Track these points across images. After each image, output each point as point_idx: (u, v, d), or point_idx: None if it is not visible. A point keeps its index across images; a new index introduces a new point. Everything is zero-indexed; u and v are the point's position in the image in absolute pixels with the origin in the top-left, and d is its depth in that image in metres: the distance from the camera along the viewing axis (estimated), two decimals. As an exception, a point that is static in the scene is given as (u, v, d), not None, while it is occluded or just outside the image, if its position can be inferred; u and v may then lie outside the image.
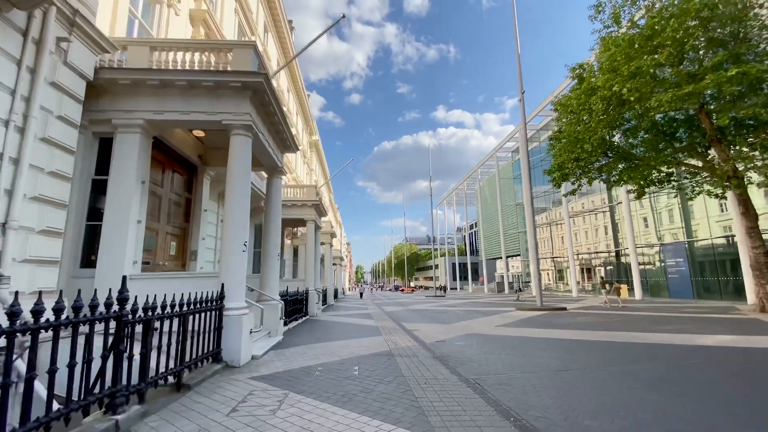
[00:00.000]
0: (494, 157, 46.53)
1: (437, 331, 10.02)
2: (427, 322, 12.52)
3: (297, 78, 25.98)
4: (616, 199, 29.87)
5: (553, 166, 17.45)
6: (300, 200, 16.00)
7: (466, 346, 7.58)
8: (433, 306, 21.23)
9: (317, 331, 10.12)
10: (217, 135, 8.21)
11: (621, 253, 30.29)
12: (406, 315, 15.69)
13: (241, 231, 6.26)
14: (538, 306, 16.56)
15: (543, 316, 13.68)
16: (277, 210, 9.11)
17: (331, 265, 28.22)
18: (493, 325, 11.19)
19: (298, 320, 12.69)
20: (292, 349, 7.15)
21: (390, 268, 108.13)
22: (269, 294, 8.45)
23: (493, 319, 12.95)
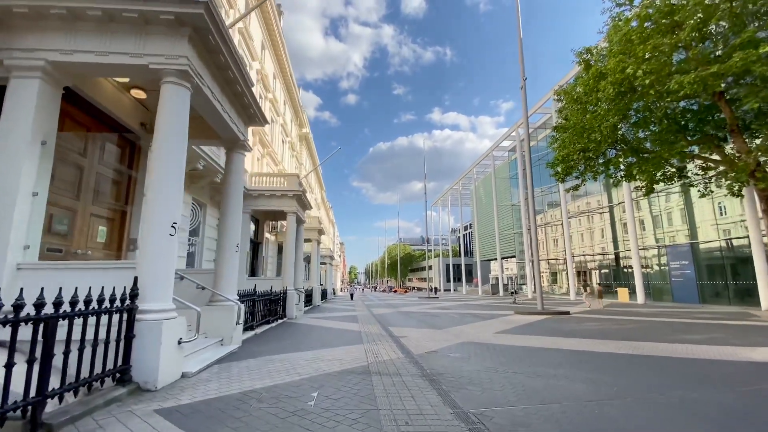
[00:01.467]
0: (490, 156, 45.33)
1: (428, 339, 8.58)
2: (418, 327, 11.08)
3: (285, 65, 24.48)
4: (617, 199, 28.72)
5: (556, 159, 16.12)
6: (280, 190, 14.48)
7: (462, 360, 6.14)
8: (426, 308, 19.80)
9: (288, 338, 8.63)
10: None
11: (621, 255, 29.14)
12: (396, 318, 14.24)
13: (170, 209, 4.76)
14: (538, 310, 15.20)
15: (546, 321, 12.30)
16: (237, 193, 7.62)
17: (318, 264, 26.67)
18: (492, 332, 9.78)
19: (270, 323, 11.18)
20: (243, 363, 5.66)
21: (383, 269, 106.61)
22: (224, 294, 6.94)
23: (492, 324, 11.54)
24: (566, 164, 15.74)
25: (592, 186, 32.60)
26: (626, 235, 27.74)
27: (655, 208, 25.89)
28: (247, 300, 8.95)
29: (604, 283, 31.34)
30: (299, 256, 17.20)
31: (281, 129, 25.38)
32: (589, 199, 33.00)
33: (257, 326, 9.88)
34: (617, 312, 16.15)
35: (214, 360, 5.60)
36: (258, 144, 18.90)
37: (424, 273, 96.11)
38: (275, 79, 23.71)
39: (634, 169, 14.75)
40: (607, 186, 30.95)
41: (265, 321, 11.00)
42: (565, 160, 15.71)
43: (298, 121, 32.43)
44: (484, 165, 50.70)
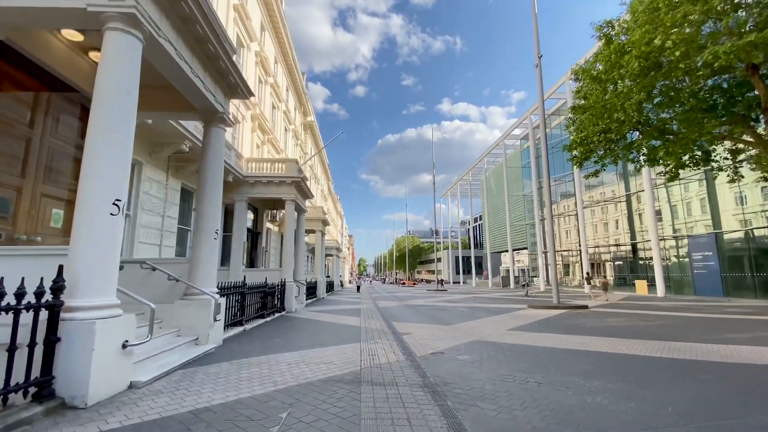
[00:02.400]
0: (501, 145, 43.87)
1: (434, 337, 7.68)
2: (424, 322, 10.19)
3: (287, 49, 23.49)
4: (635, 187, 27.30)
5: (573, 141, 14.92)
6: (277, 176, 13.62)
7: (472, 364, 5.22)
8: (433, 301, 18.90)
9: (279, 335, 7.81)
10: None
11: (638, 246, 27.80)
12: (401, 312, 13.37)
13: (112, 182, 3.88)
14: (554, 303, 14.17)
15: (564, 317, 11.30)
16: (215, 172, 6.73)
17: (323, 255, 25.91)
18: (505, 328, 8.83)
19: (265, 318, 10.40)
20: (213, 368, 4.82)
21: (392, 261, 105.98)
22: (199, 286, 6.10)
23: (504, 320, 10.59)
24: (585, 147, 14.55)
25: (606, 175, 31.16)
26: (644, 226, 26.38)
27: (674, 197, 24.47)
28: (233, 293, 8.14)
29: (620, 275, 30.08)
30: (300, 247, 16.40)
31: (284, 116, 24.50)
32: (604, 189, 31.59)
33: (248, 321, 9.10)
34: (638, 306, 15.03)
35: (179, 364, 4.77)
36: (257, 130, 18.05)
37: (433, 265, 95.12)
38: (276, 64, 22.77)
39: (660, 151, 13.51)
40: (624, 174, 29.52)
41: (259, 315, 10.21)
42: (584, 142, 14.52)
43: (302, 109, 31.50)
44: (495, 154, 49.27)
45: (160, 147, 9.35)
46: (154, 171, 9.56)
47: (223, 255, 13.66)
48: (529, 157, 42.35)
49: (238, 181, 13.39)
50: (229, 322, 8.14)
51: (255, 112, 17.56)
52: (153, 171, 9.51)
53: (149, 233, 9.42)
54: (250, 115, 17.25)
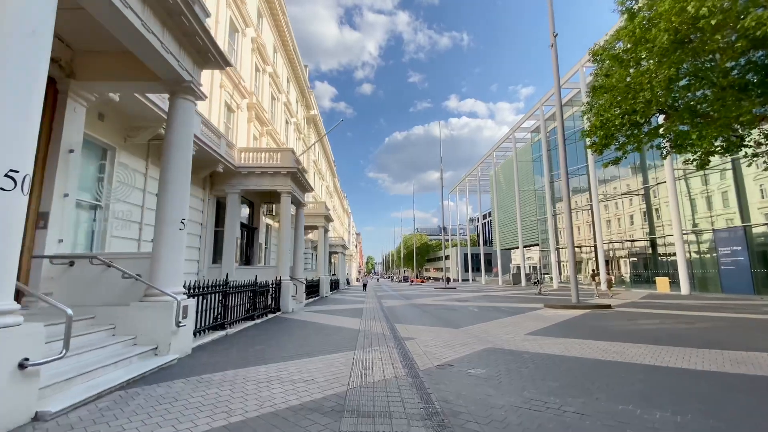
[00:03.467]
0: (511, 138, 42.44)
1: (442, 343, 6.63)
2: (430, 324, 9.15)
3: (287, 39, 22.53)
4: (655, 179, 25.82)
5: (593, 126, 13.67)
6: (272, 167, 12.65)
7: (489, 382, 4.18)
8: (442, 300, 17.82)
9: (263, 342, 6.84)
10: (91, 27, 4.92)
11: (657, 242, 26.36)
12: (406, 313, 12.34)
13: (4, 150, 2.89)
14: (574, 302, 13.00)
15: (587, 318, 10.16)
16: (182, 152, 5.76)
17: (326, 252, 24.98)
18: (523, 332, 7.75)
19: (255, 320, 9.45)
20: (162, 388, 3.85)
21: (399, 259, 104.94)
22: (161, 286, 5.14)
23: (521, 322, 9.49)
24: (606, 132, 13.30)
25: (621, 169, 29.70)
26: (664, 220, 24.92)
27: (695, 190, 22.98)
28: (212, 293, 7.19)
29: (637, 272, 28.66)
30: (299, 243, 15.46)
31: (284, 108, 23.58)
32: (619, 183, 30.10)
33: (233, 324, 8.15)
34: (664, 305, 13.77)
35: (119, 383, 3.81)
36: (255, 121, 17.14)
37: (441, 263, 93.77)
38: (276, 53, 21.83)
39: (692, 135, 12.22)
40: (641, 167, 28.06)
41: (248, 317, 9.27)
42: (605, 126, 13.27)
43: (304, 102, 30.57)
44: (504, 148, 47.87)
45: (136, 131, 8.43)
46: (131, 158, 8.65)
47: (216, 252, 12.78)
48: (540, 150, 40.94)
49: (229, 172, 12.47)
50: (209, 325, 7.21)
51: (251, 101, 16.64)
52: (129, 157, 8.61)
53: (126, 226, 8.52)
54: (246, 104, 16.33)
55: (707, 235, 22.25)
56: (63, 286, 5.22)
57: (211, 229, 12.58)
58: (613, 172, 31.19)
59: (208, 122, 10.65)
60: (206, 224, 12.26)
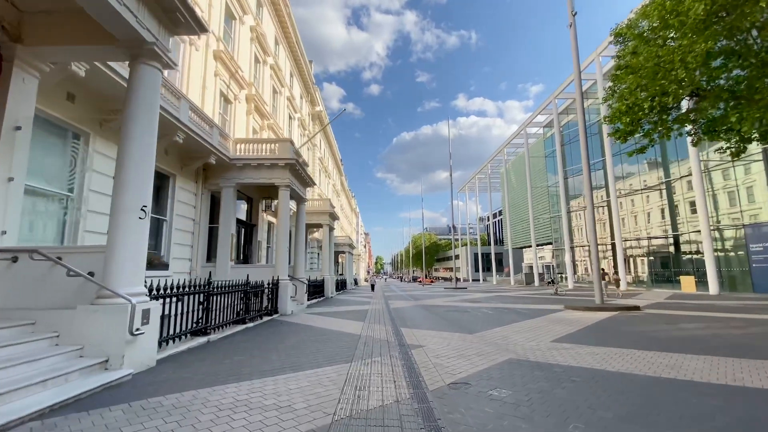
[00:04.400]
0: (522, 134, 41.10)
1: (455, 352, 5.66)
2: (441, 329, 8.16)
3: (289, 31, 21.72)
4: (680, 172, 24.38)
5: (617, 111, 12.53)
6: (268, 158, 11.79)
7: (518, 409, 3.20)
8: (452, 301, 16.79)
9: (245, 351, 5.94)
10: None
11: (681, 239, 24.93)
12: (414, 315, 11.37)
13: None
14: (597, 304, 11.88)
15: (617, 321, 9.06)
16: (145, 127, 4.90)
17: (332, 252, 24.11)
18: (548, 338, 6.73)
19: (246, 323, 8.57)
20: (93, 417, 2.96)
21: (408, 259, 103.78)
22: (114, 285, 4.27)
23: (542, 326, 8.44)
24: (632, 117, 12.15)
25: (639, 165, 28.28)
26: (688, 216, 23.50)
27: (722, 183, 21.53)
28: (190, 294, 6.33)
29: (658, 271, 27.20)
30: (300, 241, 14.60)
31: (287, 103, 22.78)
32: (638, 178, 28.63)
33: (219, 329, 7.28)
34: (696, 306, 12.54)
35: (39, 409, 2.93)
36: (254, 113, 16.33)
37: (450, 263, 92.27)
38: (278, 45, 21.05)
39: (732, 117, 11.01)
40: (662, 160, 26.62)
41: (239, 320, 8.40)
42: (631, 111, 12.12)
43: (309, 98, 29.79)
44: (515, 145, 46.56)
45: (114, 115, 7.63)
46: (109, 145, 7.84)
47: (210, 250, 11.98)
48: (552, 145, 39.57)
49: (224, 165, 11.65)
50: (189, 330, 6.36)
51: (250, 93, 15.84)
52: (107, 145, 7.80)
53: (104, 221, 7.73)
54: (244, 96, 15.53)
55: (736, 231, 20.83)
56: (2, 286, 4.39)
57: (204, 226, 11.77)
58: (629, 168, 29.78)
59: (197, 109, 9.83)
60: (199, 220, 11.46)
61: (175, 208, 10.35)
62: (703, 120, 12.13)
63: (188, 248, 11.03)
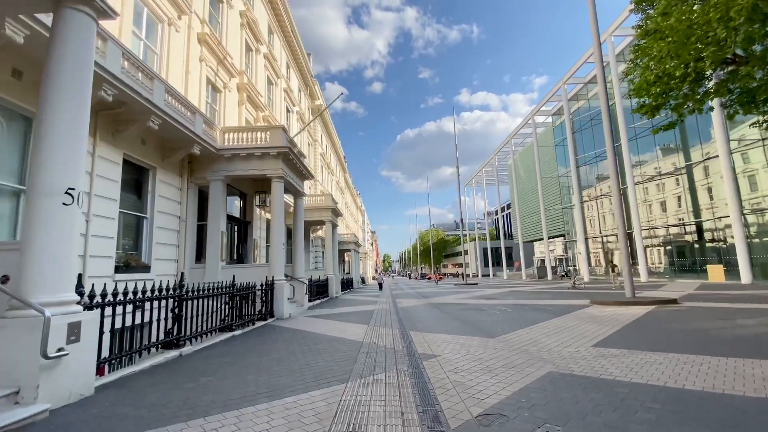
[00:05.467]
0: (531, 123, 39.63)
1: (478, 364, 4.55)
2: (457, 332, 7.05)
3: (285, 20, 20.65)
4: (703, 155, 22.90)
5: (643, 82, 11.24)
6: (259, 147, 10.73)
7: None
8: (465, 298, 15.65)
9: (219, 368, 4.89)
10: None
11: (704, 226, 23.49)
12: (424, 315, 10.27)
13: None
14: (628, 297, 10.66)
15: (660, 318, 7.86)
16: (74, 89, 3.82)
17: (335, 250, 23.08)
18: (587, 342, 5.58)
19: (234, 331, 7.53)
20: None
21: (416, 256, 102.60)
22: (28, 293, 3.22)
23: (574, 325, 7.28)
24: (662, 87, 10.87)
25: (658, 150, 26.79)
26: (708, 201, 22.03)
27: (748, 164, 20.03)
28: (156, 299, 5.29)
29: (680, 261, 25.75)
30: (298, 238, 13.55)
31: (285, 95, 21.74)
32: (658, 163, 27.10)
33: (197, 339, 6.25)
34: (736, 297, 11.23)
35: None
36: (247, 103, 15.31)
37: (459, 258, 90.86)
38: (272, 35, 19.99)
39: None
40: (683, 143, 25.12)
41: (224, 327, 7.37)
42: (660, 81, 10.84)
43: (308, 91, 28.75)
44: (522, 135, 45.12)
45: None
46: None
47: (199, 249, 10.98)
48: (562, 133, 38.13)
49: (210, 156, 10.63)
50: (158, 343, 5.34)
51: (242, 82, 14.81)
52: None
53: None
54: (235, 85, 14.50)
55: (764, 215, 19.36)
56: None
57: (192, 224, 10.77)
58: (644, 155, 28.26)
59: (176, 93, 8.78)
60: (186, 217, 10.45)
61: (157, 204, 9.34)
62: (740, 90, 10.85)
63: (173, 248, 10.03)
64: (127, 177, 8.56)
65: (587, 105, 34.90)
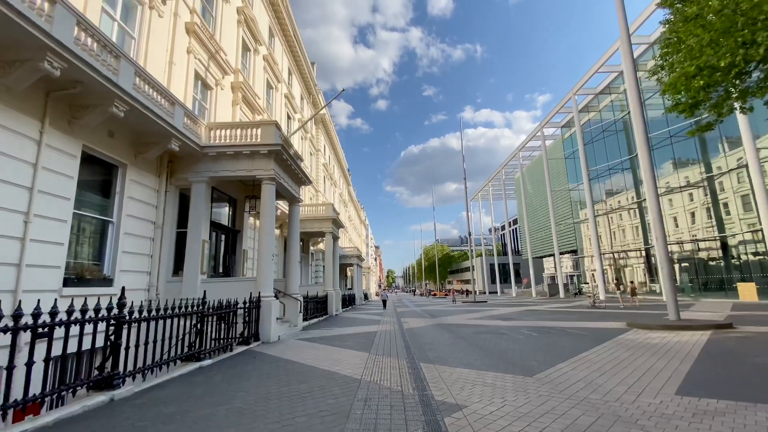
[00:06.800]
0: (540, 135, 38.45)
1: (524, 424, 3.10)
2: (480, 366, 5.57)
3: (286, 23, 19.82)
4: (727, 165, 21.48)
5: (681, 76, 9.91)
6: (248, 145, 9.49)
7: None
8: (477, 319, 14.09)
9: (152, 427, 3.47)
10: None
11: (729, 242, 21.94)
12: (436, 340, 8.77)
13: None
14: (674, 321, 9.12)
15: (727, 347, 6.33)
16: None
17: (336, 264, 21.63)
18: (665, 386, 4.10)
19: (201, 361, 6.09)
20: None
21: (421, 272, 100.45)
22: None
23: (627, 358, 5.78)
24: (705, 80, 9.54)
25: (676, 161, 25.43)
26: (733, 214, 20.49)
27: None
28: (81, 322, 3.92)
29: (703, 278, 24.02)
30: (293, 250, 12.18)
31: (285, 100, 20.74)
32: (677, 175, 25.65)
33: (147, 375, 4.84)
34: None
35: None
36: (242, 104, 14.20)
37: (464, 274, 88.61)
38: (273, 37, 19.11)
39: None
40: (702, 154, 23.74)
41: (190, 356, 5.95)
42: (702, 73, 9.53)
43: (311, 99, 27.85)
44: (530, 148, 44.00)
45: (7, 68, 5.42)
46: (11, 115, 5.62)
47: (179, 260, 9.63)
48: (572, 146, 36.96)
49: (193, 155, 9.39)
50: (86, 382, 3.95)
51: (237, 80, 13.73)
52: (7, 114, 5.58)
53: None
54: (229, 83, 13.42)
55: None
56: None
57: (171, 231, 9.46)
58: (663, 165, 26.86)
59: (149, 78, 7.58)
60: (162, 224, 9.14)
61: (126, 207, 8.05)
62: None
63: (146, 258, 8.69)
64: (88, 173, 7.32)
65: (599, 117, 33.76)
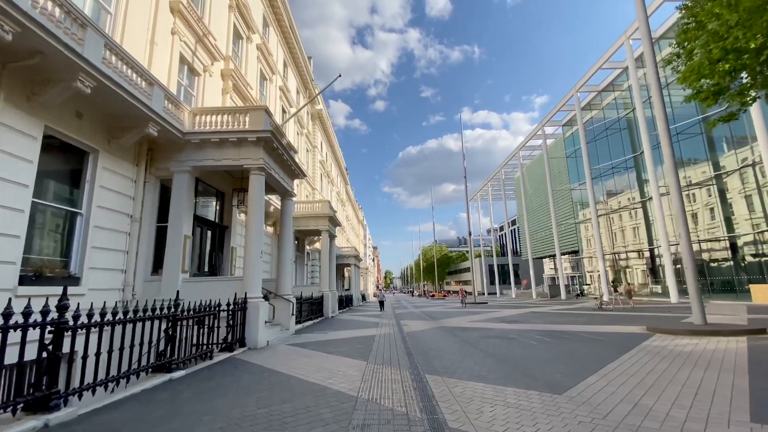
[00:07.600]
0: (540, 134, 37.77)
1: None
2: (496, 380, 4.78)
3: (281, 12, 19.02)
4: (738, 162, 20.82)
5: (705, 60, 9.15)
6: (235, 132, 8.68)
7: None
8: (480, 321, 13.30)
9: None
10: None
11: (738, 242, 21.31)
12: (440, 345, 7.97)
13: None
14: (701, 325, 8.36)
15: None
16: None
17: (333, 264, 20.78)
18: (732, 410, 3.32)
19: (171, 372, 5.26)
20: None
21: (419, 272, 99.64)
22: None
23: (665, 369, 5.01)
24: (731, 65, 8.79)
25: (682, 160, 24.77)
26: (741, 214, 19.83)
27: None
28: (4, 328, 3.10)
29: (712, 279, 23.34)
30: (286, 247, 11.35)
31: (280, 93, 19.93)
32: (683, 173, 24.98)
33: (105, 391, 4.02)
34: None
35: None
36: (232, 92, 13.38)
37: (462, 275, 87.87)
38: (267, 27, 18.31)
39: None
40: (710, 151, 23.09)
41: (159, 367, 5.13)
42: (727, 58, 8.78)
43: (308, 94, 27.03)
44: (530, 148, 43.35)
45: None
46: None
47: (158, 257, 8.79)
48: (574, 144, 36.32)
49: (176, 142, 8.57)
50: (16, 402, 3.12)
51: (227, 68, 12.92)
52: None
53: None
54: (218, 70, 12.61)
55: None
56: None
57: (150, 225, 8.62)
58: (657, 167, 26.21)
59: (120, 51, 6.74)
60: (141, 217, 8.32)
61: (97, 198, 7.22)
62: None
63: (121, 255, 7.86)
64: (53, 159, 6.50)
65: (601, 114, 33.15)
